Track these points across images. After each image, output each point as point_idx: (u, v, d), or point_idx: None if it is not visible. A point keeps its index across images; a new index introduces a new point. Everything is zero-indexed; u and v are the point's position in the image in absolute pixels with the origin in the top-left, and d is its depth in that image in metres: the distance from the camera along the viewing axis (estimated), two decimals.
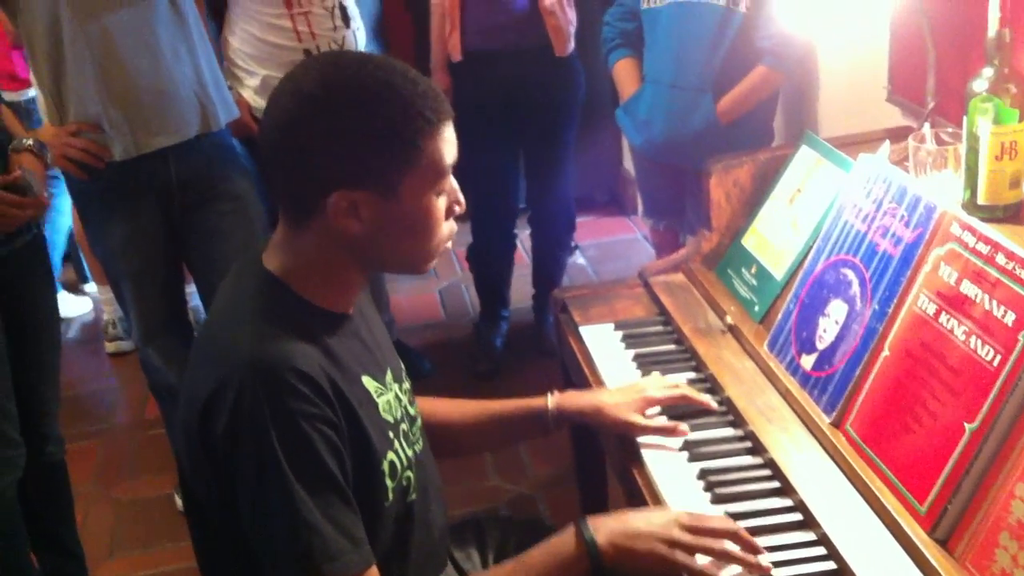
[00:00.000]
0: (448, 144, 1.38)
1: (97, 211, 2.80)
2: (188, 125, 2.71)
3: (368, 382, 1.45)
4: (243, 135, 3.01)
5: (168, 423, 3.13)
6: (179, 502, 3.06)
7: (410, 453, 1.51)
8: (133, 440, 3.50)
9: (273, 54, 3.02)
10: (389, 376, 1.53)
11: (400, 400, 1.54)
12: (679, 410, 1.78)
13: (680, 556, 1.41)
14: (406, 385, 1.59)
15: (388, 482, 1.44)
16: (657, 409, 1.78)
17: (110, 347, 4.05)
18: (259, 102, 3.09)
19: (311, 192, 1.35)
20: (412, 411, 1.58)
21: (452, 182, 1.43)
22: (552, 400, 1.78)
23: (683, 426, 1.72)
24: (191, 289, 3.17)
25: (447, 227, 1.44)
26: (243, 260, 1.48)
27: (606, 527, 1.45)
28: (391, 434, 1.47)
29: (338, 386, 1.36)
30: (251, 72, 3.06)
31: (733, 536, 1.43)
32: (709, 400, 1.79)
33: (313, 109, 1.33)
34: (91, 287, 4.43)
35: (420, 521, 1.53)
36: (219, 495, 1.38)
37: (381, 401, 1.47)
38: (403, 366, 1.62)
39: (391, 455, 1.45)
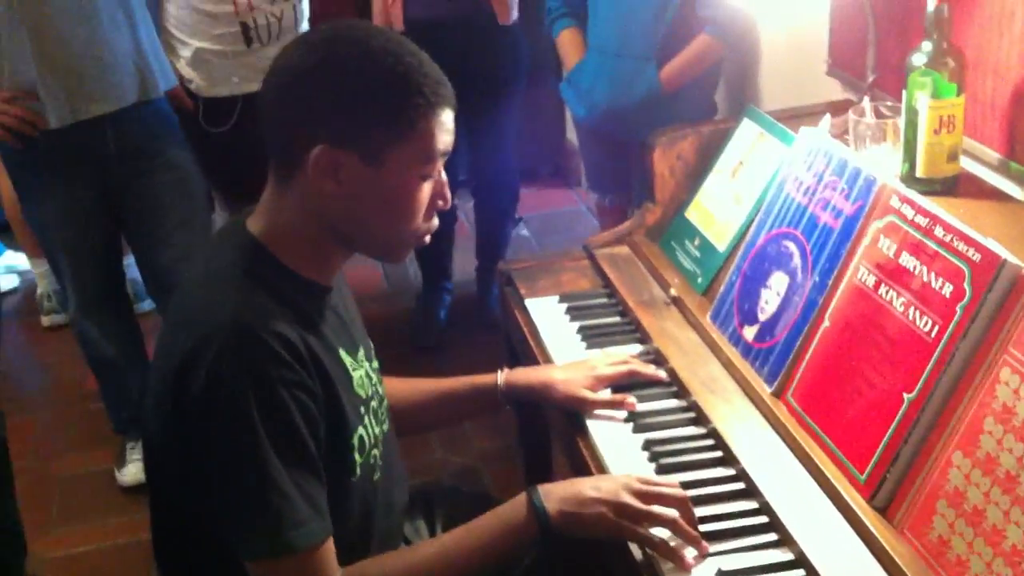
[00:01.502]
0: (443, 131, 1.37)
1: (32, 181, 2.75)
2: (126, 92, 2.67)
3: (344, 356, 1.45)
4: (177, 107, 2.96)
5: (106, 396, 3.10)
6: (119, 478, 3.03)
7: (378, 431, 1.51)
8: (71, 414, 3.45)
9: (208, 25, 2.95)
10: (361, 353, 1.53)
11: (371, 378, 1.54)
12: (625, 381, 1.79)
13: (625, 523, 1.42)
14: (375, 364, 1.60)
15: (356, 456, 1.44)
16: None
17: (46, 321, 3.98)
18: (191, 74, 3.02)
19: (297, 142, 1.33)
20: (381, 390, 1.58)
21: (442, 175, 1.42)
22: (502, 377, 1.79)
23: (631, 398, 1.73)
24: (129, 261, 3.13)
25: (428, 220, 1.43)
26: (226, 224, 1.48)
27: (556, 494, 1.45)
28: (362, 410, 1.47)
29: (317, 355, 1.36)
30: (185, 43, 3.00)
31: (682, 504, 1.44)
32: (657, 372, 1.81)
33: (315, 60, 1.34)
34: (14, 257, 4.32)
35: (383, 500, 1.53)
36: (186, 463, 1.36)
37: (355, 376, 1.47)
38: (372, 345, 1.61)
39: (361, 430, 1.45)
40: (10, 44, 2.54)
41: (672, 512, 1.43)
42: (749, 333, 1.75)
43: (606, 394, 1.75)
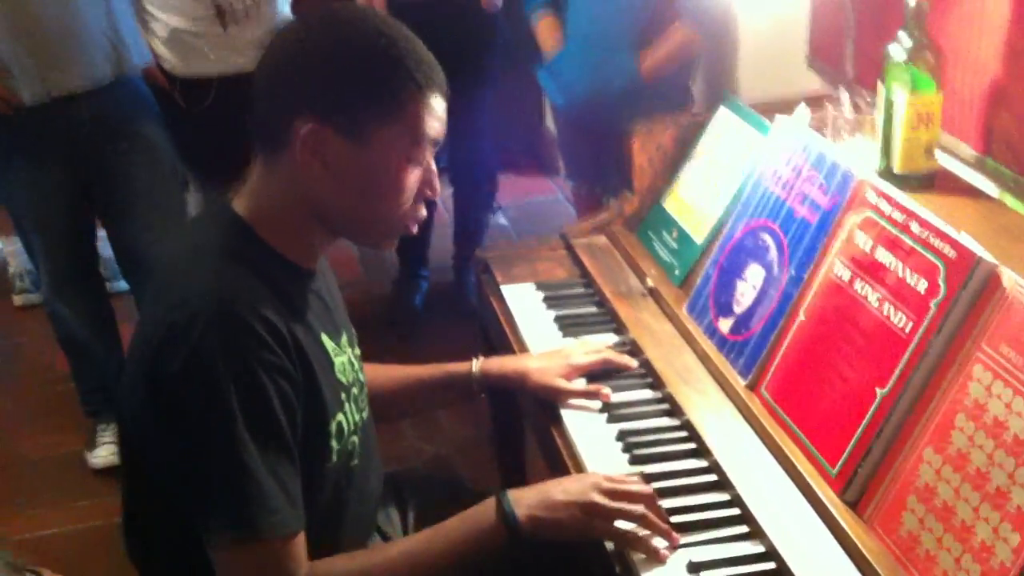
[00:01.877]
0: (433, 116, 1.37)
1: (4, 159, 2.72)
2: (100, 69, 2.65)
3: (326, 341, 1.44)
4: (151, 85, 2.93)
5: (77, 377, 3.07)
6: (90, 460, 3.01)
7: (357, 418, 1.50)
8: (42, 395, 3.42)
9: (184, 5, 2.91)
10: (344, 339, 1.52)
11: (353, 364, 1.53)
12: (600, 371, 1.79)
13: (597, 523, 1.42)
14: (358, 351, 1.59)
15: (333, 443, 1.43)
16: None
17: (17, 300, 3.95)
18: (166, 54, 2.99)
19: (286, 118, 1.33)
20: (362, 377, 1.57)
21: (431, 163, 1.42)
22: (477, 365, 1.78)
23: (606, 389, 1.73)
24: (101, 234, 3.10)
25: (415, 209, 1.42)
26: (210, 202, 1.47)
27: (525, 499, 1.44)
28: (343, 396, 1.46)
29: (298, 339, 1.35)
30: (161, 22, 2.96)
31: (649, 500, 1.44)
32: (630, 362, 1.80)
33: (309, 37, 1.34)
34: None
35: (358, 488, 1.53)
36: (159, 444, 1.34)
37: (337, 362, 1.46)
38: (355, 332, 1.60)
39: (340, 416, 1.44)
40: None
41: (640, 508, 1.42)
42: (725, 325, 1.75)
43: (581, 384, 1.75)
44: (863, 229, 1.54)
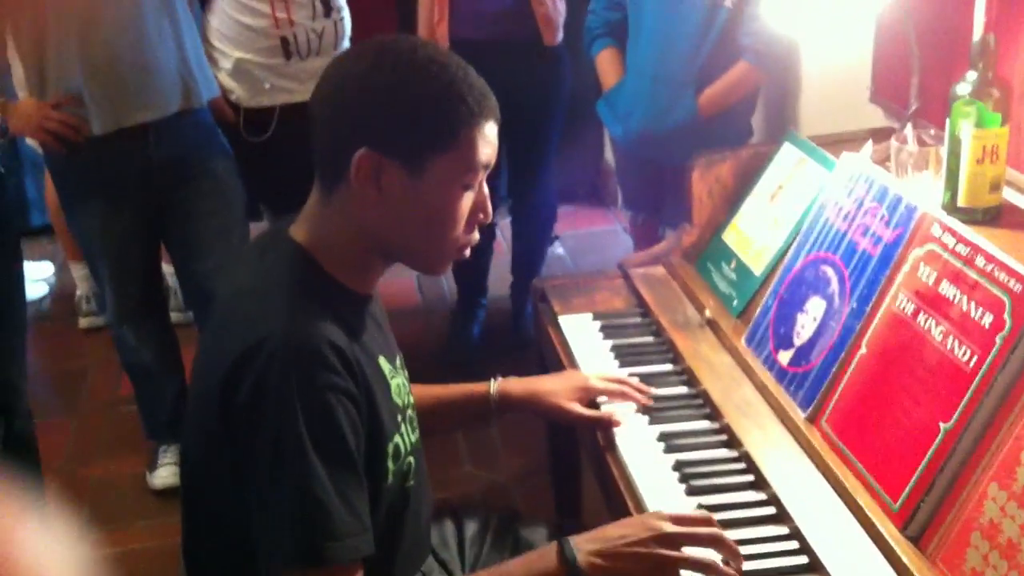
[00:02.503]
0: (486, 142, 1.38)
1: (75, 188, 2.78)
2: (169, 101, 2.70)
3: (384, 363, 1.46)
4: (218, 118, 2.99)
5: (140, 401, 3.12)
6: (151, 481, 3.05)
7: (413, 439, 1.52)
8: (106, 418, 3.48)
9: (248, 38, 2.98)
10: (399, 362, 1.54)
11: (406, 387, 1.54)
12: (661, 402, 1.79)
13: (663, 550, 1.40)
14: (406, 374, 1.60)
15: (390, 464, 1.43)
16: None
17: (83, 323, 4.02)
18: (232, 85, 3.06)
19: (343, 148, 1.35)
20: (412, 400, 1.59)
21: (484, 188, 1.43)
22: (495, 386, 1.79)
23: (616, 417, 1.74)
24: (169, 269, 3.16)
25: (468, 233, 1.43)
26: (269, 232, 1.50)
27: (586, 544, 1.43)
28: (399, 418, 1.47)
29: (361, 364, 1.37)
30: (226, 55, 3.03)
31: (710, 524, 1.43)
32: (650, 392, 1.81)
33: (363, 67, 1.36)
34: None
35: (414, 509, 1.53)
36: (226, 472, 1.36)
37: (393, 384, 1.47)
38: (403, 355, 1.62)
39: (397, 438, 1.45)
40: (57, 51, 2.58)
41: (710, 529, 1.42)
42: (784, 357, 1.74)
43: (593, 411, 1.77)
44: (927, 262, 1.53)
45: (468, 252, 1.47)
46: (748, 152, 2.17)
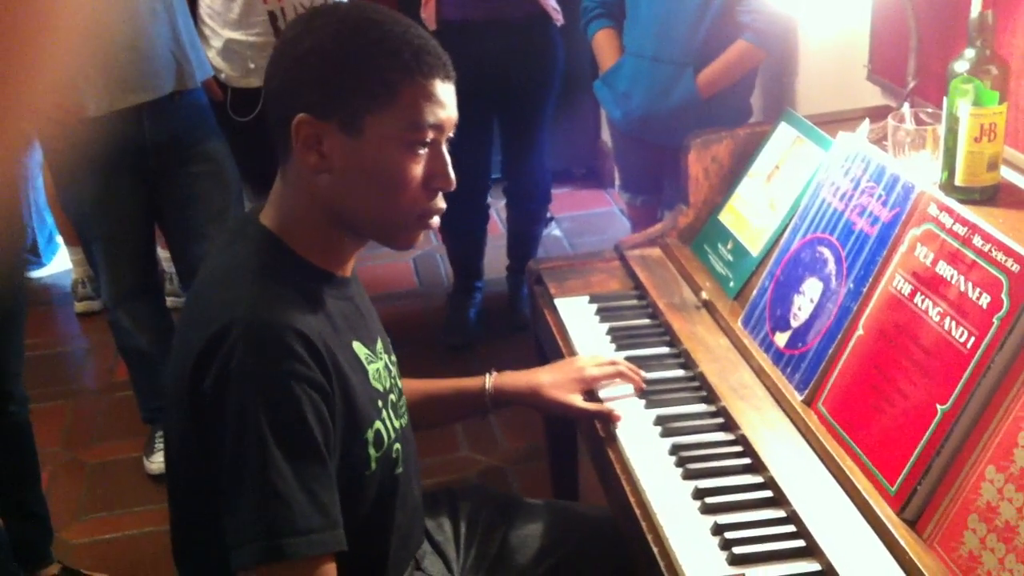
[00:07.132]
0: (432, 101, 1.35)
1: (70, 170, 2.77)
2: (163, 82, 2.68)
3: (359, 348, 1.43)
4: (210, 96, 2.98)
5: (137, 386, 3.11)
6: (148, 465, 3.05)
7: (398, 425, 1.49)
8: (101, 402, 3.47)
9: (238, 13, 2.97)
10: (379, 346, 1.51)
11: (390, 371, 1.52)
12: (657, 385, 1.78)
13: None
14: (393, 358, 1.58)
15: (371, 451, 1.41)
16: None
17: (79, 307, 4.01)
18: (221, 65, 3.05)
19: (284, 117, 1.33)
20: (399, 383, 1.57)
21: (443, 154, 1.39)
22: (490, 381, 1.77)
23: (617, 412, 1.72)
24: (165, 254, 3.14)
25: (428, 200, 1.39)
26: (239, 217, 1.48)
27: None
28: (380, 403, 1.44)
29: (332, 350, 1.34)
30: (216, 33, 3.02)
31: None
32: (644, 376, 1.80)
33: (296, 33, 1.35)
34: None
35: (403, 495, 1.51)
36: (199, 461, 1.33)
37: (371, 369, 1.45)
38: (389, 339, 1.60)
39: (378, 424, 1.42)
40: None
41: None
42: (781, 339, 1.73)
43: (595, 404, 1.76)
44: (924, 242, 1.51)
45: (435, 222, 1.43)
46: (744, 132, 2.15)
